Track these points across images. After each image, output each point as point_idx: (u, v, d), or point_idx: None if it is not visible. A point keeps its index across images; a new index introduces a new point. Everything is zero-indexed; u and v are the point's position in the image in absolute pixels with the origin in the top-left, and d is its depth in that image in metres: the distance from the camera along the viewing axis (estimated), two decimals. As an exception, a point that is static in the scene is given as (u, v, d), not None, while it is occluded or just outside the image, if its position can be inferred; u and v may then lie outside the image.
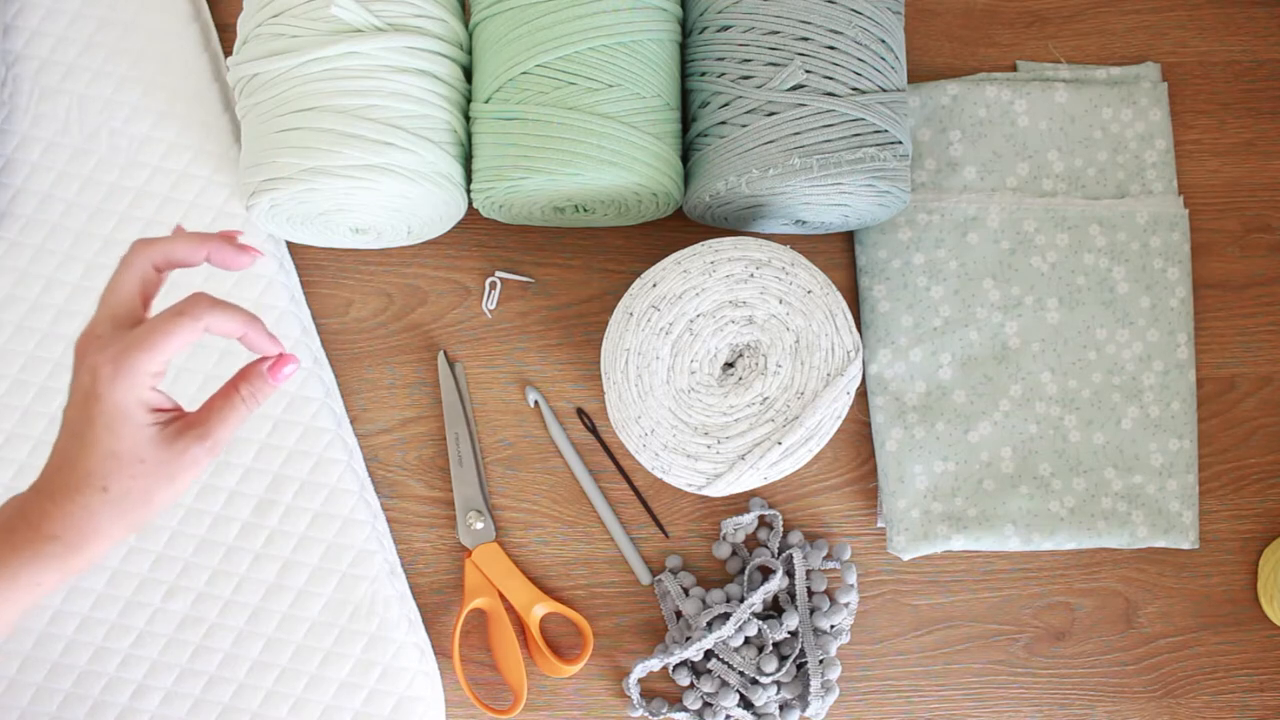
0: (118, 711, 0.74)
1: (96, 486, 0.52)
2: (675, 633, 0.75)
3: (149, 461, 0.52)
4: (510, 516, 0.77)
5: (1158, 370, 0.77)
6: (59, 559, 0.52)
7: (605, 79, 0.66)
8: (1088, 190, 0.79)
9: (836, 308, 0.68)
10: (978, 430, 0.76)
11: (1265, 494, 0.78)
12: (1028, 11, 0.81)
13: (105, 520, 0.52)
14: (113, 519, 0.52)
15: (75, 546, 0.52)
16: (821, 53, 0.66)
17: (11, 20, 0.78)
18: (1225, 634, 0.77)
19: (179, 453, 0.53)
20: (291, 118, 0.66)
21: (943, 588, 0.77)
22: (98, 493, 0.52)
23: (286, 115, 0.66)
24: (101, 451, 0.52)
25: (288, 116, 0.66)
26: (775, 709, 0.74)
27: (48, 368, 0.76)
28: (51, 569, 0.52)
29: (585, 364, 0.78)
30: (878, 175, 0.67)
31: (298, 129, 0.66)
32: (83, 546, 0.52)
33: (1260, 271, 0.80)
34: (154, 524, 0.75)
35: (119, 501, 0.52)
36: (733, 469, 0.68)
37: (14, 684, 0.74)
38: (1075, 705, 0.77)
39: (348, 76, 0.66)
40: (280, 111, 0.67)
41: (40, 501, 0.52)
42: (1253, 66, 0.81)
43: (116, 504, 0.52)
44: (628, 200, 0.71)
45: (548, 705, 0.76)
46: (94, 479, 0.52)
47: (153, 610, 0.75)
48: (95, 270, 0.76)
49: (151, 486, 0.53)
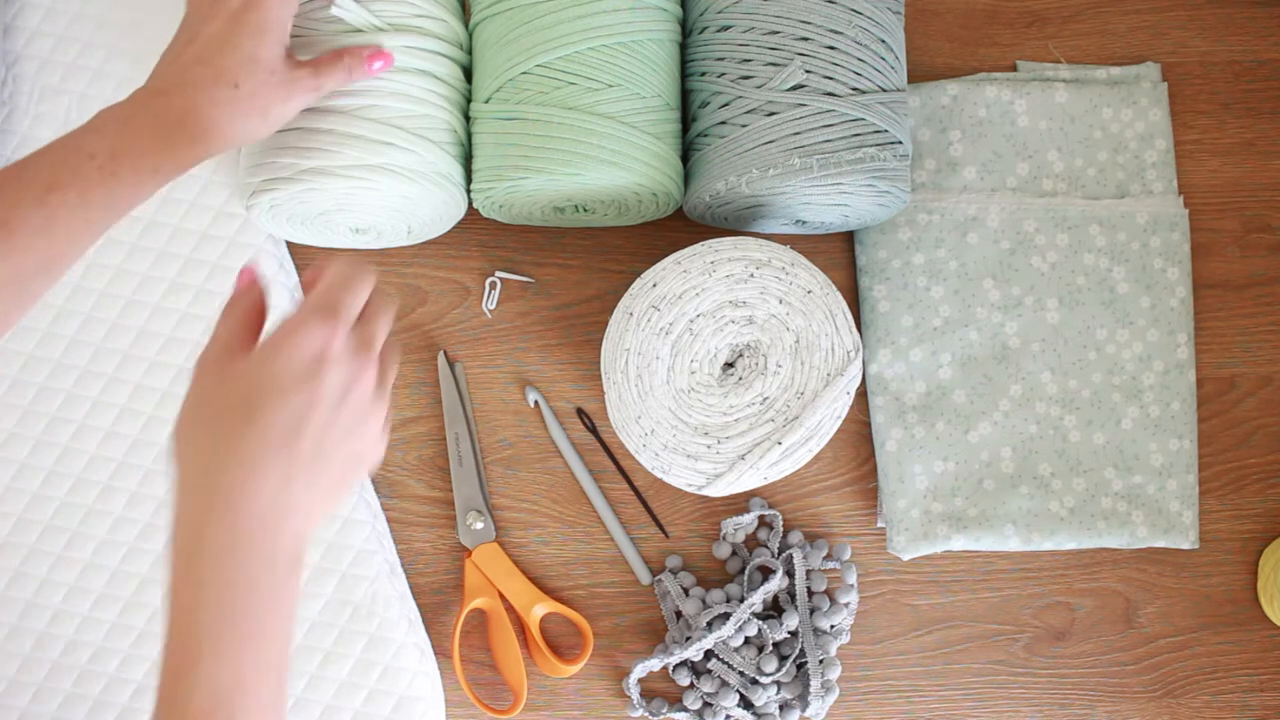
0: (118, 712, 0.74)
1: (229, 82, 0.58)
2: (675, 633, 0.75)
3: (277, 74, 0.60)
4: (510, 516, 0.77)
5: (1158, 370, 0.77)
6: (180, 147, 0.56)
7: (605, 79, 0.66)
8: (1088, 190, 0.79)
9: (836, 308, 0.68)
10: (978, 430, 0.76)
11: (1265, 494, 0.78)
12: (1028, 11, 0.81)
13: (227, 115, 0.58)
14: (233, 116, 0.58)
15: (196, 136, 0.57)
16: (821, 53, 0.66)
17: (11, 20, 0.78)
18: (1225, 634, 0.77)
19: (298, 79, 0.61)
20: (292, 118, 0.66)
21: (943, 588, 0.77)
22: (229, 88, 0.58)
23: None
24: (243, 55, 0.58)
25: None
26: (775, 709, 0.74)
27: (48, 368, 0.76)
28: (170, 155, 0.56)
29: (585, 364, 0.78)
30: (878, 175, 0.67)
31: (297, 129, 0.66)
32: (202, 136, 0.57)
33: (1260, 271, 0.80)
34: (154, 524, 0.75)
35: (245, 100, 0.58)
36: (733, 469, 0.68)
37: (14, 684, 0.74)
38: (1075, 705, 0.77)
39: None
40: (280, 112, 0.67)
41: (165, 98, 0.57)
42: (1253, 66, 0.81)
43: (242, 102, 0.58)
44: (628, 200, 0.71)
45: (548, 705, 0.76)
46: (228, 75, 0.58)
47: (152, 610, 0.75)
48: (95, 270, 0.76)
49: (272, 98, 0.59)
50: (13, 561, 0.74)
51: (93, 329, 0.76)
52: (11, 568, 0.74)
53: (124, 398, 0.76)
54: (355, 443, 0.51)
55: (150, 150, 0.56)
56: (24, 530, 0.75)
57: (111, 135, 0.55)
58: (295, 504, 0.47)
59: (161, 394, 0.76)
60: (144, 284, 0.76)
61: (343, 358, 0.49)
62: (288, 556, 0.47)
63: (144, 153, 0.55)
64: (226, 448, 0.47)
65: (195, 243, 0.77)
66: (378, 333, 0.53)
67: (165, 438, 0.75)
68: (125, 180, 0.55)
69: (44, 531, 0.75)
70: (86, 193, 0.54)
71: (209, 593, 0.46)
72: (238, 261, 0.76)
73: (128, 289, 0.76)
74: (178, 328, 0.76)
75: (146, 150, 0.56)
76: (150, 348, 0.76)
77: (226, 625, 0.46)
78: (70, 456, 0.75)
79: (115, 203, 0.55)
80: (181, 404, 0.49)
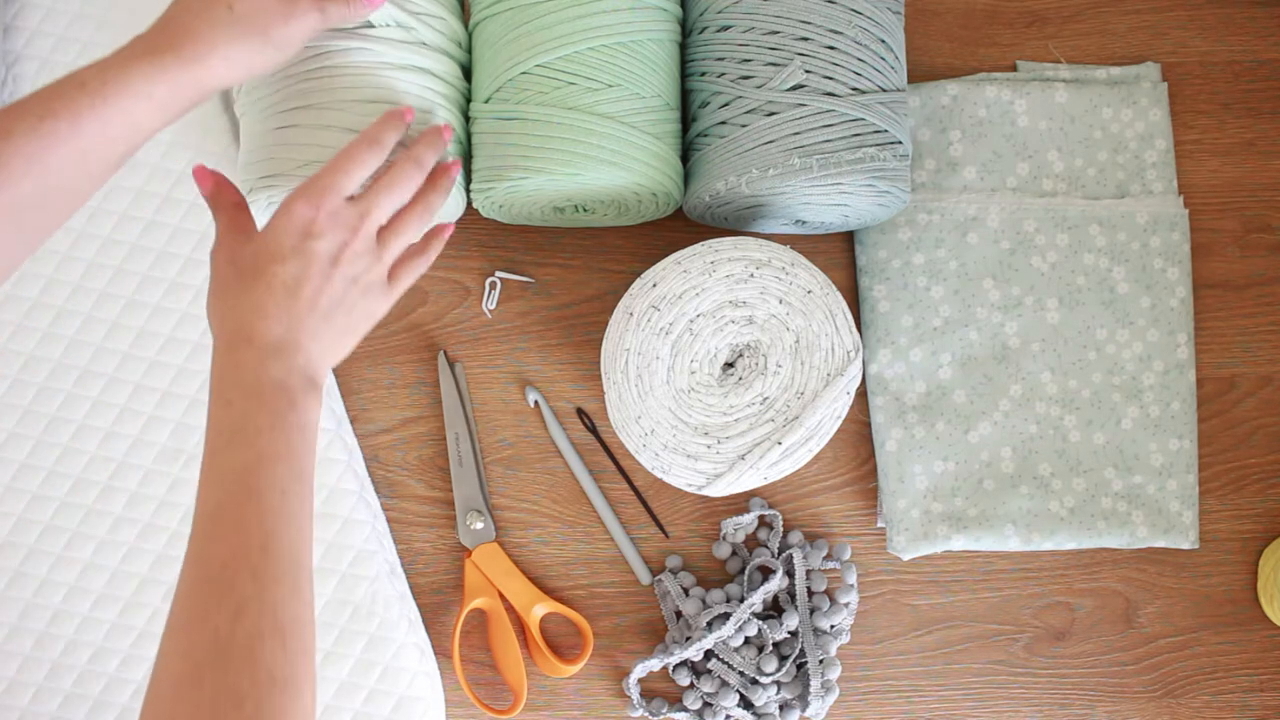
0: (118, 712, 0.74)
1: (223, 4, 0.57)
2: (675, 633, 0.75)
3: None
4: (510, 516, 0.77)
5: (1158, 370, 0.77)
6: (172, 69, 0.56)
7: (605, 79, 0.66)
8: (1088, 190, 0.79)
9: (836, 308, 0.68)
10: (978, 430, 0.76)
11: (1265, 494, 0.78)
12: (1028, 11, 0.81)
13: (225, 36, 0.57)
14: (230, 37, 0.57)
15: (190, 57, 0.56)
16: (821, 53, 0.66)
17: (11, 20, 0.78)
18: (1225, 634, 0.77)
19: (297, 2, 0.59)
20: (290, 115, 0.66)
21: (943, 588, 0.77)
22: (223, 10, 0.57)
23: (285, 113, 0.66)
24: None
25: (287, 114, 0.66)
26: (775, 709, 0.74)
27: (48, 367, 0.76)
28: (163, 78, 0.56)
29: (585, 364, 0.78)
30: (877, 175, 0.67)
31: (296, 126, 0.66)
32: (196, 57, 0.57)
33: (1260, 271, 0.80)
34: (154, 524, 0.75)
35: (242, 20, 0.57)
36: (733, 469, 0.68)
37: (14, 684, 0.74)
38: (1075, 705, 0.77)
39: (347, 74, 0.66)
40: (279, 109, 0.66)
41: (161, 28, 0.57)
42: (1253, 66, 0.81)
43: (239, 23, 0.57)
44: (627, 200, 0.71)
45: (548, 705, 0.76)
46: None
47: (152, 610, 0.75)
48: (95, 270, 0.76)
49: (271, 18, 0.58)
50: (13, 561, 0.74)
51: (93, 329, 0.76)
52: (11, 568, 0.74)
53: (124, 398, 0.76)
54: (354, 299, 0.60)
55: (142, 75, 0.55)
56: (24, 530, 0.75)
57: (105, 63, 0.56)
58: (300, 343, 0.57)
59: (161, 394, 0.76)
60: (144, 284, 0.76)
61: (330, 229, 0.58)
62: (302, 381, 0.57)
63: (135, 77, 0.55)
64: (240, 301, 0.57)
65: (195, 243, 0.77)
66: (375, 204, 0.60)
67: (165, 437, 0.75)
68: (115, 105, 0.55)
69: (44, 531, 0.75)
70: (78, 120, 0.54)
71: (235, 410, 0.55)
72: (238, 261, 0.76)
73: (128, 289, 0.76)
74: (178, 328, 0.76)
75: (138, 75, 0.55)
76: (150, 348, 0.76)
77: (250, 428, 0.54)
78: (70, 456, 0.75)
79: (109, 131, 0.55)
80: (208, 288, 0.59)
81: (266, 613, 0.51)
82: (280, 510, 0.53)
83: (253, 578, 0.51)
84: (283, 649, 0.51)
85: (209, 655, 0.49)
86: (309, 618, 0.53)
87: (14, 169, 0.52)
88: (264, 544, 0.52)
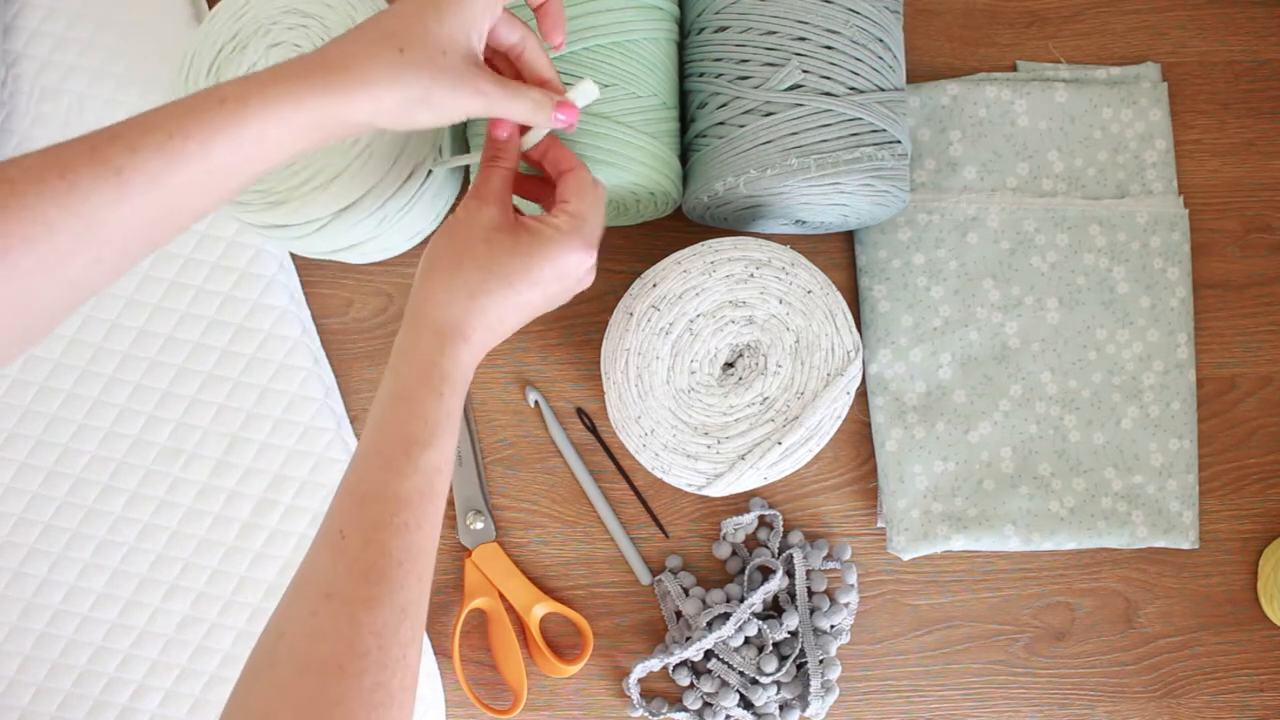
0: (118, 711, 0.74)
1: (394, 46, 0.53)
2: (675, 633, 0.75)
3: (450, 58, 0.54)
4: (510, 516, 0.77)
5: (1158, 370, 0.77)
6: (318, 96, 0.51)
7: (602, 79, 0.66)
8: (1088, 190, 0.79)
9: (836, 308, 0.68)
10: (978, 430, 0.76)
11: (1265, 494, 0.78)
12: (1028, 11, 0.81)
13: (383, 77, 0.52)
14: (392, 80, 0.52)
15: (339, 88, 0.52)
16: (819, 52, 0.66)
17: (11, 20, 0.78)
18: (1225, 634, 0.77)
19: (472, 75, 0.55)
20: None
21: (943, 588, 0.77)
22: (393, 50, 0.52)
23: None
24: (422, 28, 0.53)
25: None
26: (775, 709, 0.74)
27: (48, 368, 0.76)
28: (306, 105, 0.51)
29: (585, 364, 0.78)
30: (876, 175, 0.67)
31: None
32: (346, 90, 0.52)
33: (1260, 271, 0.80)
34: (153, 524, 0.75)
35: (408, 69, 0.53)
36: (733, 469, 0.68)
37: (14, 684, 0.74)
38: (1075, 705, 0.77)
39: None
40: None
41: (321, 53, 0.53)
42: (1253, 66, 0.81)
43: (404, 70, 0.53)
44: (626, 200, 0.71)
45: (548, 705, 0.76)
46: (396, 39, 0.53)
47: (153, 610, 0.75)
48: (95, 270, 0.76)
49: (437, 80, 0.53)
50: (13, 562, 0.74)
51: (93, 329, 0.76)
52: (11, 568, 0.74)
53: (124, 398, 0.76)
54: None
55: (285, 98, 0.51)
56: (24, 530, 0.75)
57: (248, 80, 0.51)
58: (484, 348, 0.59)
59: (161, 394, 0.76)
60: (144, 284, 0.76)
61: (588, 275, 0.62)
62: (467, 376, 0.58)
63: (278, 100, 0.50)
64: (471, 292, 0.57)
65: (195, 243, 0.77)
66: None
67: (165, 438, 0.76)
68: (252, 127, 0.50)
69: (44, 531, 0.75)
70: (209, 140, 0.50)
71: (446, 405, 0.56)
72: (237, 262, 0.76)
73: (128, 289, 0.76)
74: (178, 328, 0.76)
75: (282, 98, 0.50)
76: (150, 348, 0.76)
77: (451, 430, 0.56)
78: (70, 456, 0.75)
79: (239, 153, 0.50)
80: (436, 239, 0.59)
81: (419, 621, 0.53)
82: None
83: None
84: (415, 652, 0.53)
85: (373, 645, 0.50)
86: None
87: (135, 188, 0.48)
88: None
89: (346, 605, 0.50)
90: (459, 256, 0.58)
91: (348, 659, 0.49)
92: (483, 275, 0.57)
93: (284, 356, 0.76)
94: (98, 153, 0.48)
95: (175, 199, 0.50)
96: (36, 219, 0.46)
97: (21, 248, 0.46)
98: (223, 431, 0.76)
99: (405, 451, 0.54)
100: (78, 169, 0.47)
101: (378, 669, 0.50)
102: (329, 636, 0.50)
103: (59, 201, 0.47)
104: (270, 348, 0.76)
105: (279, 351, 0.76)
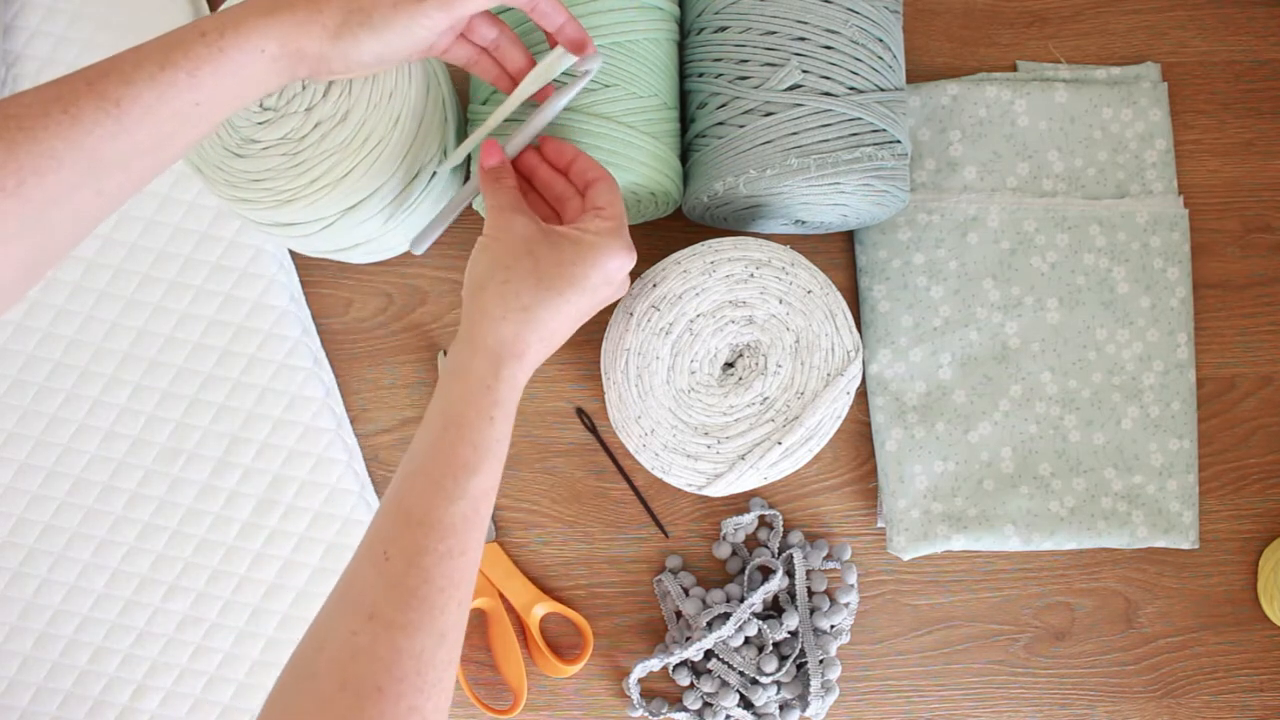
0: (118, 711, 0.74)
1: None
2: (675, 633, 0.75)
3: None
4: (510, 516, 0.77)
5: (1158, 370, 0.77)
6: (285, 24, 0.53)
7: (602, 79, 0.66)
8: (1088, 190, 0.79)
9: (836, 308, 0.68)
10: (978, 430, 0.76)
11: (1265, 494, 0.78)
12: (1028, 11, 0.81)
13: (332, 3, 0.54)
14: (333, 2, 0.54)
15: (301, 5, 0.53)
16: (818, 52, 0.66)
17: (11, 20, 0.78)
18: (1225, 634, 0.77)
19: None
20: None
21: (943, 588, 0.77)
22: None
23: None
24: None
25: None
26: (775, 709, 0.74)
27: (48, 367, 0.76)
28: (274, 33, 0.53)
29: (585, 364, 0.78)
30: (875, 175, 0.67)
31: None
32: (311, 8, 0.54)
33: (1260, 271, 0.80)
34: (154, 524, 0.75)
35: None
36: (733, 469, 0.68)
37: (14, 684, 0.74)
38: (1075, 705, 0.77)
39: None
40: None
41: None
42: (1253, 66, 0.81)
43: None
44: (626, 200, 0.71)
45: (548, 705, 0.76)
46: None
47: (153, 610, 0.75)
48: (94, 270, 0.76)
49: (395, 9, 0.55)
50: (13, 562, 0.74)
51: (92, 329, 0.76)
52: (11, 568, 0.74)
53: (124, 398, 0.76)
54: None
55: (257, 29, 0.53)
56: (24, 530, 0.75)
57: (223, 15, 0.54)
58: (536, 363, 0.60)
59: (161, 394, 0.76)
60: (144, 284, 0.76)
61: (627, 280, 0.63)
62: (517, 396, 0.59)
63: (251, 31, 0.53)
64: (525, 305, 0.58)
65: (195, 243, 0.77)
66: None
67: (165, 438, 0.76)
68: (232, 58, 0.53)
69: (44, 531, 0.75)
70: (196, 70, 0.52)
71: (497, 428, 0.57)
72: (238, 262, 0.76)
73: (128, 289, 0.76)
74: (178, 328, 0.76)
75: (254, 29, 0.53)
76: (150, 348, 0.76)
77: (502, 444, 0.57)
78: (70, 456, 0.75)
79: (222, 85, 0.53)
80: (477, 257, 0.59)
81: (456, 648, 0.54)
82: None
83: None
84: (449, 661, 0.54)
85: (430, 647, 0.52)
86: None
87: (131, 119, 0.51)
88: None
89: (387, 629, 0.51)
90: (506, 270, 0.58)
91: (386, 681, 0.50)
92: (533, 286, 0.58)
93: (284, 357, 0.76)
94: (95, 86, 0.50)
95: (167, 130, 0.52)
96: (44, 152, 0.48)
97: (33, 180, 0.48)
98: (223, 431, 0.76)
99: (454, 476, 0.55)
100: (79, 102, 0.49)
101: (414, 693, 0.51)
102: (368, 657, 0.50)
103: (64, 135, 0.49)
104: (270, 348, 0.76)
105: (279, 351, 0.76)
